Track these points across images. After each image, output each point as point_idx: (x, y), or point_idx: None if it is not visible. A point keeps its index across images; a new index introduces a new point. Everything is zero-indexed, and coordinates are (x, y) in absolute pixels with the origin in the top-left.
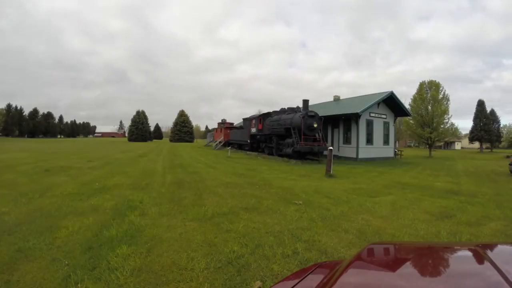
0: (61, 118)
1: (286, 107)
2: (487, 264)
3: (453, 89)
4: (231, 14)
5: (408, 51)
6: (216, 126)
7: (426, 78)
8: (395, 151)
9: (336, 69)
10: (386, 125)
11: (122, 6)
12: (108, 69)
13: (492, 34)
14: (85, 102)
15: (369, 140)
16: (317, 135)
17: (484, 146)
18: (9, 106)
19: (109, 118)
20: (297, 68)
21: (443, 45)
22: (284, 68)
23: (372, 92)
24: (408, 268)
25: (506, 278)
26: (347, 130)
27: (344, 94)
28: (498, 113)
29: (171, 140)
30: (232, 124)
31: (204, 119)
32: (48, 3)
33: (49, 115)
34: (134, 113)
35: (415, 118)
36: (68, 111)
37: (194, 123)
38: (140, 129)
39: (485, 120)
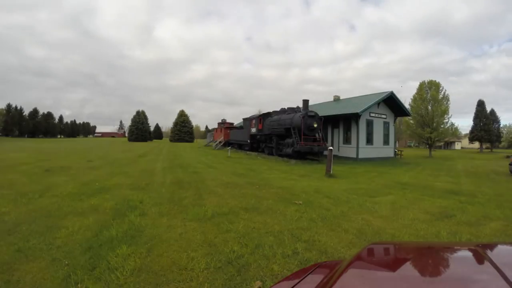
0: (61, 118)
1: (286, 107)
2: (487, 264)
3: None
4: (159, 14)
5: (367, 39)
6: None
7: (397, 69)
8: (395, 151)
9: (297, 65)
10: (386, 125)
11: (63, 17)
12: (73, 73)
13: (456, 14)
14: (63, 103)
15: (369, 140)
16: (317, 135)
17: (484, 146)
18: (9, 106)
19: (91, 118)
20: (253, 64)
21: (402, 30)
22: (240, 66)
23: (345, 92)
24: (408, 268)
25: (506, 278)
26: (347, 130)
27: (318, 92)
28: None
29: (171, 140)
30: (232, 124)
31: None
32: (2, 20)
33: (49, 115)
34: (111, 114)
35: (415, 118)
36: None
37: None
38: (140, 129)
39: (485, 120)
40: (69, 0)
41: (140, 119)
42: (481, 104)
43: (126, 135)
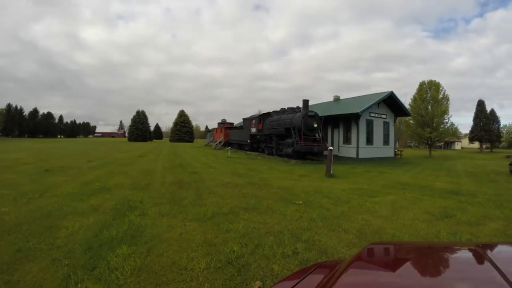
0: (61, 118)
1: (286, 107)
2: (487, 264)
3: (397, 72)
4: (76, 24)
5: (296, 22)
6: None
7: (350, 59)
8: (395, 151)
9: (238, 62)
10: (386, 125)
11: (7, 33)
12: (40, 78)
13: None
14: (39, 105)
15: (369, 140)
16: (317, 135)
17: (484, 146)
18: (9, 106)
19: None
20: (194, 63)
21: (329, 10)
22: (183, 66)
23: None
24: (408, 268)
25: (506, 278)
26: (347, 130)
27: (276, 88)
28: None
29: (171, 140)
30: (232, 124)
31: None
32: None
33: (49, 115)
34: (90, 114)
35: (415, 118)
36: None
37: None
38: (140, 129)
39: (485, 120)
40: (5, 20)
41: (140, 119)
42: (481, 104)
43: (126, 135)
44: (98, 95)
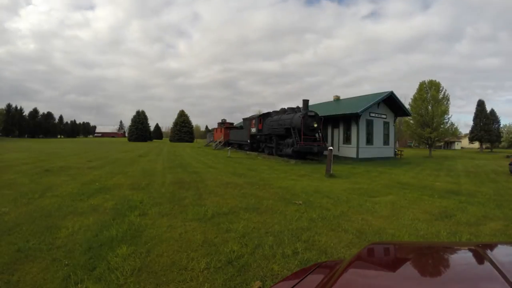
0: (61, 118)
1: (286, 107)
2: (487, 264)
3: (310, 54)
4: None
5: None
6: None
7: (231, 41)
8: (395, 151)
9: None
10: (386, 125)
11: None
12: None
13: None
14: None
15: (369, 140)
16: (317, 135)
17: (484, 146)
18: (9, 106)
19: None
20: (100, 67)
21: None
22: (91, 70)
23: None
24: (408, 268)
25: (506, 278)
26: (347, 130)
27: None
28: None
29: (171, 140)
30: (232, 124)
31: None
32: None
33: (49, 115)
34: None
35: (415, 118)
36: None
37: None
38: (140, 129)
39: (485, 120)
40: None
41: (140, 119)
42: (481, 104)
43: (126, 135)
44: (60, 98)
